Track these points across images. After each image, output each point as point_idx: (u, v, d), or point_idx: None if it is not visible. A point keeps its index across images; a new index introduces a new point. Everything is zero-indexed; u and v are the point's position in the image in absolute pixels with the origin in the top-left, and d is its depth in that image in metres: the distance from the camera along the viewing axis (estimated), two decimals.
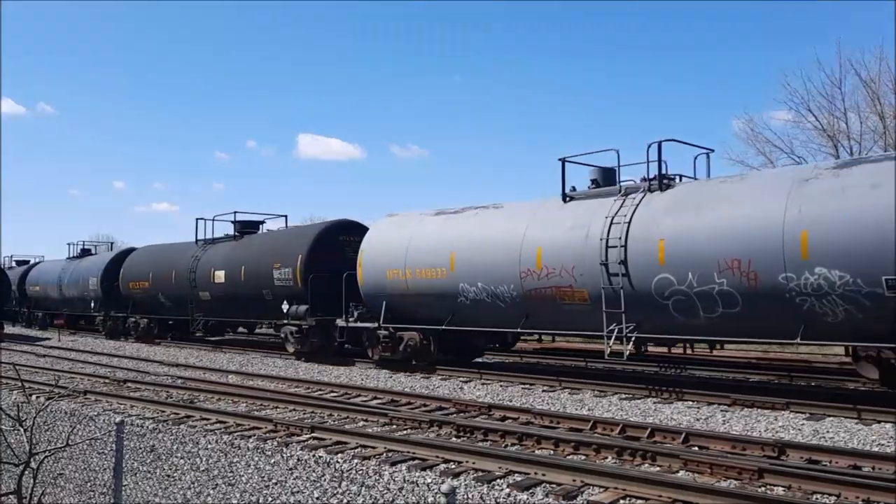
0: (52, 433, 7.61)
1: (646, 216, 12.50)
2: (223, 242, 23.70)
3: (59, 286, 33.73)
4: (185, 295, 24.06)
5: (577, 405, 11.80)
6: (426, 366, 16.34)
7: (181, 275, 24.16)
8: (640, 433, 9.15)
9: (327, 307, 18.47)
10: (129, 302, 27.62)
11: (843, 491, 6.53)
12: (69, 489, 7.10)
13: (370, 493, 6.85)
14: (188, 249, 24.71)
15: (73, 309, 33.28)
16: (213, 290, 22.66)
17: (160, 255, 26.82)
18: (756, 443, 8.32)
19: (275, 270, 19.85)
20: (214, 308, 23.26)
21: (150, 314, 26.77)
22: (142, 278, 26.67)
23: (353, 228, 20.10)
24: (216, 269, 22.45)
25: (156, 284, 25.71)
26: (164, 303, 25.59)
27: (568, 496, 6.62)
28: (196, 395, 13.36)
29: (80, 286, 31.54)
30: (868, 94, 28.46)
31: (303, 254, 19.18)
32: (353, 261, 18.20)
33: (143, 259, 27.72)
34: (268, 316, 21.18)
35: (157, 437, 9.45)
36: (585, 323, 13.44)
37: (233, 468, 7.86)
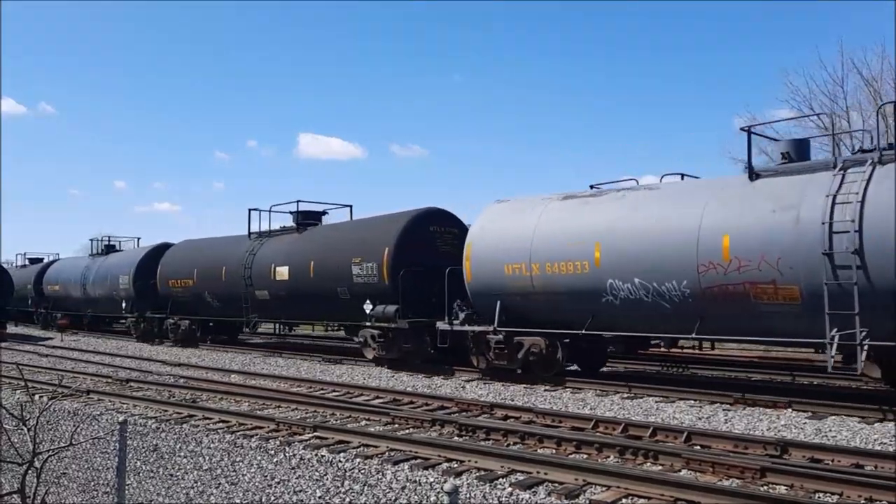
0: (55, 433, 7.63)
1: (884, 193, 10.13)
2: (283, 235, 21.44)
3: (82, 285, 31.56)
4: (237, 294, 21.64)
5: (579, 404, 11.80)
6: (551, 377, 13.99)
7: (233, 271, 21.78)
8: (642, 432, 9.15)
9: (418, 307, 16.39)
10: (167, 302, 25.28)
11: (845, 490, 6.53)
12: (73, 488, 7.12)
13: (373, 493, 6.86)
14: (241, 244, 22.45)
15: (99, 309, 31.22)
16: (274, 288, 20.39)
17: (207, 249, 24.45)
18: (758, 442, 8.32)
19: (354, 266, 17.53)
20: (274, 308, 20.92)
21: (193, 315, 24.44)
22: (184, 276, 24.30)
23: (444, 217, 18.03)
24: (277, 265, 20.14)
25: (202, 282, 23.42)
26: (211, 302, 23.37)
27: (570, 495, 6.63)
28: (199, 394, 13.38)
29: (108, 285, 29.27)
30: (870, 93, 28.44)
31: (390, 246, 16.84)
32: (446, 254, 16.70)
33: (185, 254, 25.30)
34: (342, 317, 18.94)
35: (159, 436, 9.47)
36: (790, 327, 11.05)
37: (235, 467, 7.87)
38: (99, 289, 30.15)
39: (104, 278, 29.80)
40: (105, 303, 30.00)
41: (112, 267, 29.72)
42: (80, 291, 31.76)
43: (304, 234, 20.75)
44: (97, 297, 30.45)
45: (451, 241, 17.23)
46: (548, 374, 14.02)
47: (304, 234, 20.75)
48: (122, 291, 28.24)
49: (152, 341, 26.31)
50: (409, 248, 16.85)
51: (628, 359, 18.12)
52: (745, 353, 19.12)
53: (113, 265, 29.82)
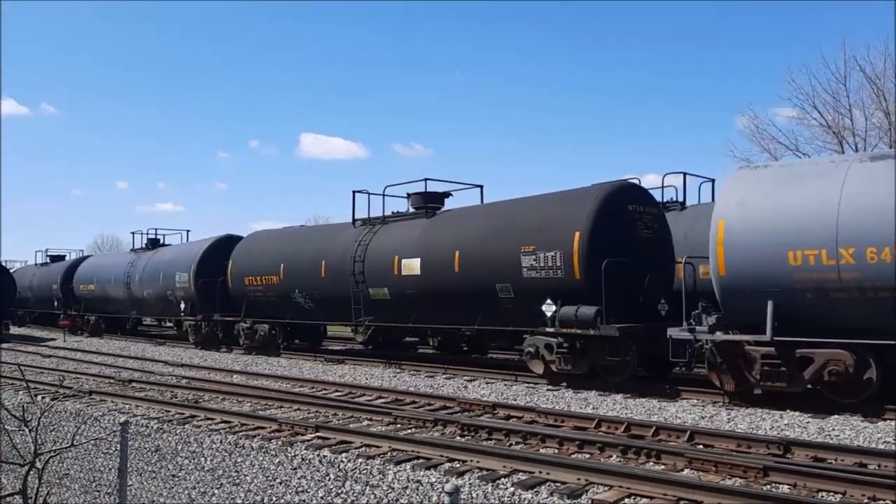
0: (57, 433, 7.62)
1: None
2: (404, 221, 17.92)
3: (125, 284, 27.99)
4: (342, 293, 17.92)
5: (581, 404, 11.79)
6: (861, 404, 10.48)
7: (337, 266, 18.21)
8: (644, 432, 9.13)
9: (618, 309, 12.81)
10: (241, 302, 21.63)
11: (848, 489, 6.51)
12: (74, 489, 7.11)
13: (374, 493, 6.85)
14: (344, 233, 18.99)
15: (146, 311, 28.14)
16: (398, 286, 16.75)
17: (297, 240, 20.73)
18: (761, 441, 8.30)
19: (525, 256, 13.95)
20: (396, 309, 17.07)
21: (275, 317, 20.69)
22: (266, 272, 20.52)
23: (642, 195, 14.63)
24: (404, 258, 16.54)
25: (291, 279, 19.70)
26: (303, 303, 19.64)
27: (572, 495, 6.61)
28: (201, 394, 13.38)
29: (160, 284, 25.68)
30: (873, 91, 28.39)
31: (582, 230, 13.20)
32: (647, 242, 13.75)
33: (265, 247, 21.50)
34: (499, 320, 15.20)
35: (161, 437, 9.47)
36: None
37: (237, 468, 7.87)
38: (148, 288, 26.70)
39: (154, 276, 26.27)
40: (155, 304, 26.75)
41: (165, 263, 26.07)
42: (123, 291, 28.31)
43: (435, 220, 17.12)
44: (145, 297, 27.03)
45: (651, 224, 14.04)
46: (854, 401, 10.53)
47: (437, 220, 17.12)
48: (179, 291, 24.70)
49: (216, 348, 23.15)
50: (606, 232, 13.28)
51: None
52: None
53: (166, 261, 26.10)
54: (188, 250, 25.57)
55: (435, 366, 16.83)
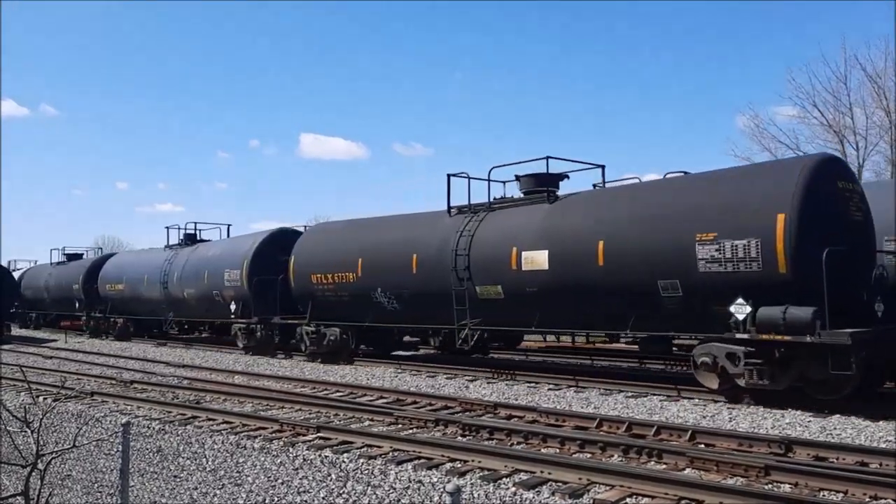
0: (59, 434, 7.63)
1: None
2: (518, 207, 15.29)
3: (162, 283, 25.62)
4: (439, 291, 15.45)
5: (582, 403, 11.79)
6: None
7: (433, 261, 15.79)
8: (646, 431, 9.13)
9: (838, 308, 10.21)
10: (306, 303, 19.23)
11: (850, 488, 6.51)
12: (76, 490, 7.12)
13: (376, 493, 6.86)
14: (439, 222, 16.34)
15: (185, 312, 25.43)
16: (516, 282, 14.24)
17: (377, 232, 18.09)
18: (763, 440, 8.30)
19: (701, 246, 11.40)
20: (512, 310, 14.60)
21: (348, 320, 18.18)
22: (339, 268, 18.08)
23: (848, 172, 12.36)
24: (524, 249, 14.09)
25: (371, 276, 17.25)
26: (385, 304, 17.07)
27: (574, 494, 6.61)
28: (202, 395, 13.39)
29: (205, 283, 23.21)
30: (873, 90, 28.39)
31: (786, 212, 10.67)
32: (859, 225, 11.43)
33: (337, 240, 18.96)
34: (659, 323, 12.47)
35: (163, 437, 9.48)
36: None
37: (239, 468, 7.88)
38: (189, 287, 24.18)
39: (197, 274, 23.74)
40: (198, 305, 24.14)
41: (211, 260, 23.53)
42: (159, 291, 25.86)
43: (562, 204, 14.39)
44: (185, 297, 24.51)
45: (860, 206, 11.69)
46: None
47: (564, 204, 14.40)
48: (229, 290, 22.14)
49: (271, 354, 20.97)
50: (818, 213, 10.81)
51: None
52: None
53: (212, 258, 23.59)
54: (238, 246, 22.93)
55: (437, 366, 16.82)
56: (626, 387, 12.99)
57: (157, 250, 27.94)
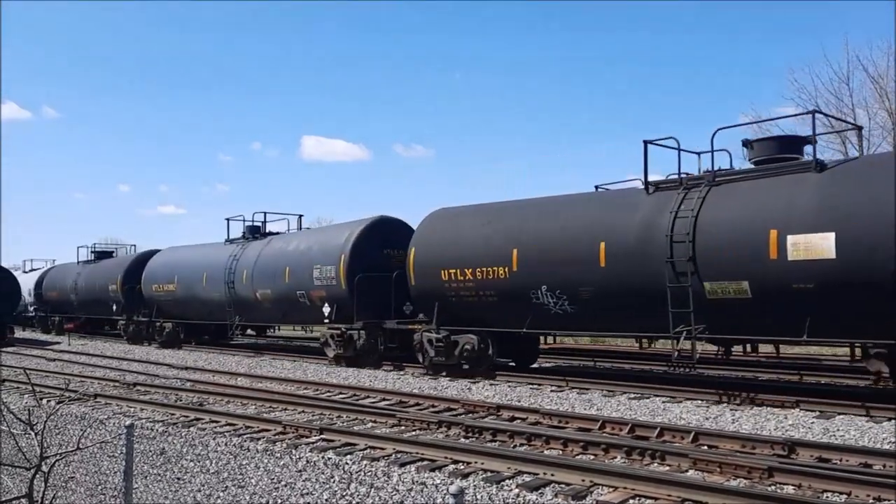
0: (62, 437, 7.65)
1: None
2: (764, 179, 11.88)
3: (227, 283, 22.26)
4: (643, 288, 12.34)
5: (585, 405, 11.78)
6: None
7: (631, 249, 12.59)
8: (649, 433, 9.13)
9: None
10: (431, 304, 16.01)
11: (853, 489, 6.50)
12: (80, 492, 7.13)
13: (379, 495, 6.86)
14: (631, 200, 13.24)
15: (258, 315, 22.58)
16: (774, 275, 11.05)
17: (540, 215, 14.63)
18: (766, 441, 8.29)
19: None
20: (760, 315, 11.42)
21: (491, 326, 15.11)
22: (482, 262, 14.77)
23: None
24: (790, 233, 10.96)
25: (532, 271, 13.94)
26: (552, 305, 13.77)
27: (577, 496, 6.62)
28: (205, 397, 13.39)
29: (285, 282, 19.98)
30: (876, 90, 28.31)
31: None
32: None
33: (475, 227, 15.55)
34: None
35: (166, 439, 9.49)
36: None
37: (242, 470, 7.89)
38: (264, 287, 21.01)
39: (275, 272, 20.52)
40: (276, 307, 21.08)
41: (292, 255, 20.11)
42: (223, 292, 22.57)
43: (844, 173, 11.35)
44: (258, 298, 21.40)
45: None
46: None
47: (850, 172, 11.40)
48: (319, 290, 18.92)
49: (376, 365, 17.77)
50: None
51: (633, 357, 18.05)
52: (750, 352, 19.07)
53: (293, 252, 20.13)
54: (329, 238, 19.42)
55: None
56: (629, 388, 12.98)
57: (216, 245, 24.59)
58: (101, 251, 33.96)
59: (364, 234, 18.39)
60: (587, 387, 13.38)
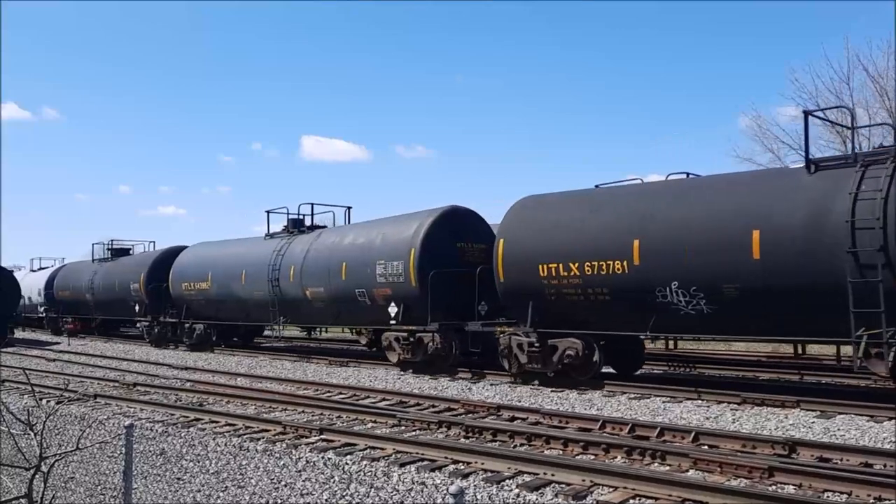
0: (62, 437, 7.65)
1: None
2: None
3: (271, 281, 20.05)
4: (810, 285, 10.66)
5: (585, 405, 11.78)
6: None
7: (794, 238, 10.79)
8: (649, 432, 9.12)
9: None
10: (524, 302, 13.92)
11: (854, 489, 6.50)
12: (80, 493, 7.13)
13: (379, 495, 6.86)
14: (792, 182, 11.41)
15: (305, 316, 20.58)
16: None
17: (666, 200, 12.65)
18: (766, 441, 8.29)
19: None
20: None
21: (597, 328, 13.22)
22: (593, 255, 12.81)
23: None
24: None
25: (656, 265, 12.08)
26: (682, 305, 11.84)
27: (577, 496, 6.61)
28: (205, 397, 13.38)
29: (346, 279, 17.78)
30: (876, 90, 28.28)
31: None
32: None
33: (580, 214, 13.60)
34: None
35: (166, 440, 9.49)
36: None
37: (242, 470, 7.88)
38: (316, 285, 18.80)
39: (328, 268, 18.46)
40: (330, 307, 18.89)
41: (349, 250, 18.17)
42: (267, 290, 20.35)
43: None
44: (310, 297, 19.11)
45: None
46: None
47: None
48: (383, 288, 16.90)
49: (451, 372, 15.89)
50: None
51: None
52: (752, 351, 19.08)
53: (350, 247, 18.21)
54: (394, 230, 17.25)
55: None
56: (629, 388, 12.96)
57: (255, 240, 22.52)
58: (118, 248, 31.53)
59: (435, 225, 16.44)
60: (586, 387, 13.31)
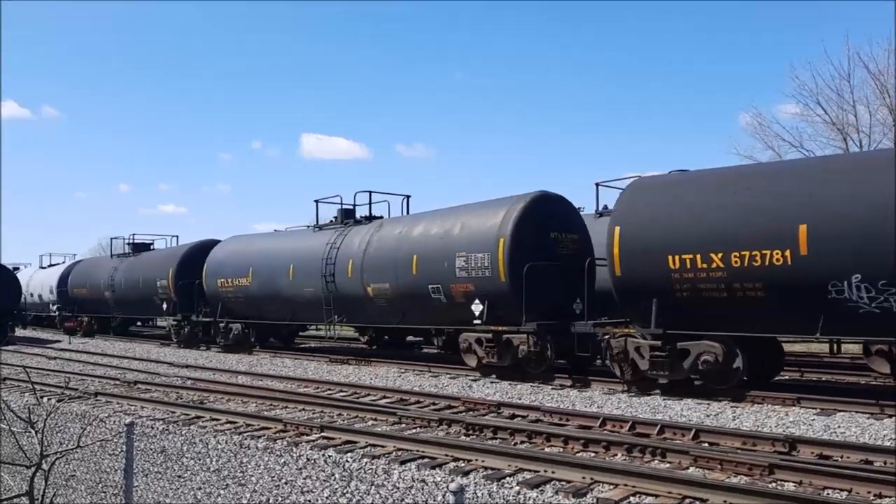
0: (63, 435, 7.65)
1: None
2: None
3: (325, 276, 18.21)
4: None
5: (586, 402, 11.78)
6: None
7: None
8: (649, 430, 9.13)
9: None
10: (645, 301, 12.03)
11: (854, 486, 6.51)
12: (81, 490, 7.13)
13: (379, 493, 6.86)
14: None
15: (368, 316, 18.43)
16: None
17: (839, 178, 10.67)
18: (767, 438, 8.29)
19: None
20: None
21: (748, 328, 11.37)
22: (741, 244, 11.01)
23: None
24: None
25: (837, 253, 10.23)
26: (859, 300, 10.12)
27: (578, 493, 6.61)
28: (206, 395, 13.40)
29: (417, 274, 16.04)
30: (877, 87, 28.26)
31: None
32: None
33: (719, 196, 11.67)
34: None
35: (167, 437, 9.49)
36: None
37: (243, 468, 7.89)
38: (380, 281, 17.05)
39: (395, 262, 16.67)
40: (394, 305, 17.04)
41: (418, 241, 16.34)
42: (320, 287, 18.55)
43: None
44: (372, 295, 17.29)
45: None
46: None
47: None
48: (463, 283, 15.11)
49: (547, 378, 14.18)
50: None
51: None
52: None
53: (420, 238, 16.35)
54: (475, 219, 15.34)
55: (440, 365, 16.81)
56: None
57: (302, 232, 20.91)
58: (140, 242, 29.89)
59: (526, 212, 14.58)
60: (587, 384, 13.28)
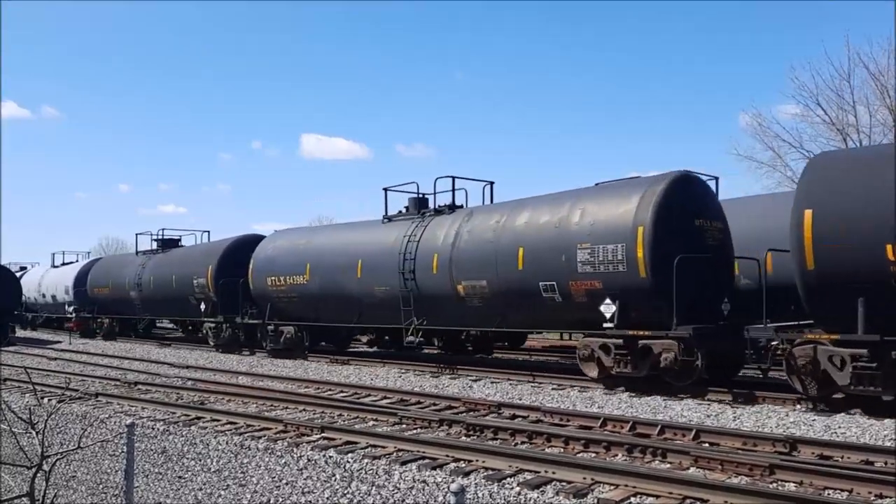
0: (63, 436, 7.66)
1: None
2: None
3: (402, 273, 16.29)
4: None
5: (586, 403, 11.78)
6: None
7: None
8: (650, 430, 9.13)
9: None
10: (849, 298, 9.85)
11: (854, 486, 6.51)
12: (81, 491, 7.14)
13: (380, 493, 6.86)
14: None
15: (459, 318, 16.17)
16: None
17: None
18: (767, 439, 8.29)
19: None
20: None
21: None
22: None
23: None
24: None
25: None
26: None
27: (578, 494, 6.61)
28: (206, 396, 13.39)
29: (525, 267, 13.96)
30: (877, 87, 28.26)
31: None
32: None
33: None
34: None
35: (168, 438, 9.49)
36: None
37: (244, 469, 7.89)
38: (476, 278, 14.98)
39: (497, 254, 14.57)
40: (490, 305, 15.03)
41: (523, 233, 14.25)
42: (397, 285, 16.54)
43: None
44: (464, 294, 15.29)
45: None
46: None
47: None
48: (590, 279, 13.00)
49: (692, 392, 11.94)
50: None
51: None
52: None
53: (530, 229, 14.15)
54: (600, 204, 13.26)
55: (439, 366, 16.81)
56: (630, 386, 12.94)
57: (370, 223, 18.66)
58: (168, 238, 27.67)
59: (668, 195, 12.40)
60: (587, 384, 13.31)
